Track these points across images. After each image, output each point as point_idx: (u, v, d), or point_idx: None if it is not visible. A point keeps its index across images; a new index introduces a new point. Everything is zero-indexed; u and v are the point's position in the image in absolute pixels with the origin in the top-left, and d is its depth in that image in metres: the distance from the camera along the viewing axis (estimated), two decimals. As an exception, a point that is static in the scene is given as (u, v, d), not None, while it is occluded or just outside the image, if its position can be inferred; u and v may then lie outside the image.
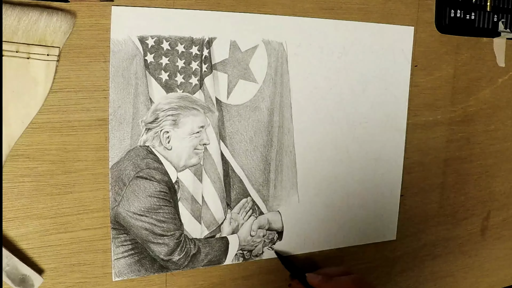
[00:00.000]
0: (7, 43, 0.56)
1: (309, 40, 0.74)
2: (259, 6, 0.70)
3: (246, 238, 0.74)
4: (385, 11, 0.79)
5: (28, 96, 0.58)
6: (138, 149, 0.66)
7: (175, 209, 0.69)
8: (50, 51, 0.58)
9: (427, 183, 0.89)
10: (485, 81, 0.90)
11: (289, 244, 0.77)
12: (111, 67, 0.63)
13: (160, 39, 0.65)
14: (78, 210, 0.64)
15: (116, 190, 0.65)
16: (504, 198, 0.83)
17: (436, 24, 0.84)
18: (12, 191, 0.61)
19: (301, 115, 0.75)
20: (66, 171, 0.63)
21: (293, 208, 0.77)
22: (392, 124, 0.82)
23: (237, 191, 0.73)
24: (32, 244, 0.62)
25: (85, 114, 0.63)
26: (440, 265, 0.94)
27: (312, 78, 0.75)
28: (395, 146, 0.83)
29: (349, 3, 0.76)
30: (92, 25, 0.61)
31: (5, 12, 0.55)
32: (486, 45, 0.89)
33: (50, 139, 0.61)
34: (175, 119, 0.67)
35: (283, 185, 0.76)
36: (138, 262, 0.68)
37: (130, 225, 0.67)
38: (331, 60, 0.76)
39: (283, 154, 0.75)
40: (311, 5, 0.74)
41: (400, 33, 0.81)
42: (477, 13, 0.85)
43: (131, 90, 0.65)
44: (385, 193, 0.84)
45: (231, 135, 0.72)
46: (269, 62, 0.72)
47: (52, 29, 0.58)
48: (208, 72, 0.69)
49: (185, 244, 0.70)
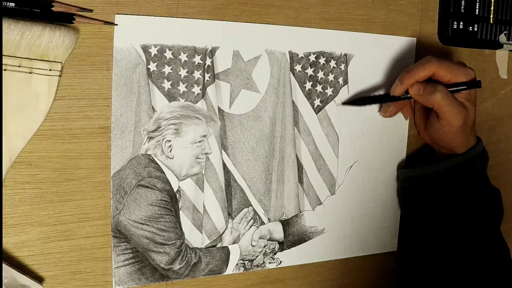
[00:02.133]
0: (9, 58, 0.57)
1: (311, 50, 0.74)
2: (262, 16, 0.71)
3: (247, 248, 0.74)
4: (387, 22, 0.79)
5: (30, 111, 0.59)
6: (140, 157, 0.66)
7: (176, 218, 0.69)
8: (53, 66, 0.59)
9: (429, 195, 0.88)
10: (487, 93, 0.90)
11: (290, 255, 0.77)
12: (113, 76, 0.63)
13: (163, 48, 0.66)
14: (79, 218, 0.64)
15: (117, 198, 0.65)
16: (506, 210, 0.82)
17: (438, 35, 0.84)
18: (13, 198, 0.61)
19: (302, 125, 0.75)
20: (68, 179, 0.63)
21: (294, 218, 0.77)
22: (394, 135, 0.82)
23: (239, 200, 0.73)
24: (32, 252, 0.62)
25: (87, 122, 0.63)
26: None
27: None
28: (397, 157, 0.83)
29: (352, 14, 0.77)
30: (95, 33, 0.62)
31: (9, 27, 0.56)
32: (488, 57, 0.89)
33: (52, 146, 0.62)
34: (177, 128, 0.68)
35: (285, 196, 0.76)
36: (138, 270, 0.68)
37: (131, 233, 0.66)
38: (334, 71, 0.76)
39: (285, 164, 0.75)
40: (314, 16, 0.74)
41: (403, 44, 0.81)
42: (479, 25, 0.86)
43: (134, 99, 0.65)
44: (386, 204, 0.84)
45: (233, 144, 0.72)
46: (271, 72, 0.72)
47: (54, 44, 0.58)
48: (211, 82, 0.69)
49: (186, 253, 0.70)
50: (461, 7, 0.84)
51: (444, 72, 0.73)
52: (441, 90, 0.71)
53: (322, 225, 0.79)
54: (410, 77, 0.73)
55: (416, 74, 0.73)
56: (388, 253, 0.85)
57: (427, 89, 0.72)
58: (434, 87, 0.72)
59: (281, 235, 0.76)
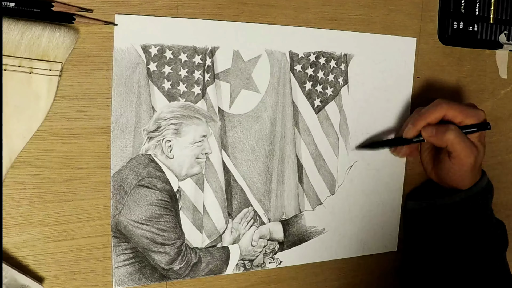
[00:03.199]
0: (9, 58, 0.57)
1: (311, 50, 0.74)
2: (262, 16, 0.71)
3: (247, 248, 0.74)
4: (387, 22, 0.79)
5: (30, 111, 0.58)
6: (140, 157, 0.66)
7: (176, 218, 0.69)
8: (53, 66, 0.59)
9: (429, 195, 0.88)
10: (487, 93, 0.90)
11: (290, 254, 0.77)
12: (114, 75, 0.63)
13: (163, 48, 0.66)
14: (79, 218, 0.64)
15: (117, 198, 0.65)
16: (506, 210, 0.82)
17: (438, 35, 0.84)
18: (13, 198, 0.61)
19: (303, 125, 0.75)
20: (68, 179, 0.63)
21: (294, 218, 0.77)
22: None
23: (239, 200, 0.73)
24: (32, 252, 0.62)
25: (87, 122, 0.63)
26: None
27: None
28: (397, 157, 0.83)
29: (352, 14, 0.77)
30: (95, 33, 0.62)
31: (8, 27, 0.56)
32: (488, 57, 0.89)
33: (52, 146, 0.62)
34: (177, 128, 0.68)
35: (285, 195, 0.76)
36: (138, 270, 0.68)
37: (131, 233, 0.66)
38: (334, 71, 0.76)
39: (285, 165, 0.75)
40: (314, 16, 0.74)
41: (403, 44, 0.81)
42: (479, 25, 0.86)
43: (134, 99, 0.65)
44: (386, 204, 0.84)
45: (233, 144, 0.72)
46: (271, 72, 0.72)
47: (54, 44, 0.58)
48: (211, 82, 0.69)
49: (186, 253, 0.70)
50: (461, 7, 0.84)
51: (454, 113, 0.75)
52: (453, 129, 0.74)
53: (322, 225, 0.79)
54: (422, 120, 0.76)
55: (428, 117, 0.75)
56: (388, 253, 0.85)
57: (439, 129, 0.74)
58: (446, 127, 0.74)
59: (281, 235, 0.76)
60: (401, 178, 0.85)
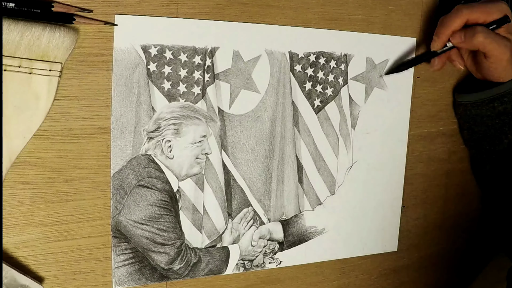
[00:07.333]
0: (9, 58, 0.57)
1: (311, 50, 0.74)
2: (262, 17, 0.71)
3: (247, 248, 0.74)
4: (387, 22, 0.79)
5: (30, 111, 0.58)
6: (139, 157, 0.66)
7: (176, 218, 0.69)
8: (52, 66, 0.59)
9: (429, 195, 0.88)
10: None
11: (290, 254, 0.77)
12: (113, 76, 0.63)
13: (163, 48, 0.66)
14: (79, 218, 0.64)
15: (117, 199, 0.65)
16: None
17: (438, 35, 0.84)
18: (13, 198, 0.61)
19: (302, 125, 0.75)
20: (68, 179, 0.63)
21: (294, 218, 0.77)
22: (394, 135, 0.82)
23: (238, 201, 0.73)
24: (32, 252, 0.62)
25: (87, 122, 0.63)
26: (442, 277, 0.93)
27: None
28: (397, 157, 0.83)
29: (352, 14, 0.77)
30: (95, 33, 0.62)
31: (8, 27, 0.56)
32: (488, 57, 0.89)
33: (52, 146, 0.62)
34: (177, 128, 0.68)
35: (285, 196, 0.76)
36: (138, 270, 0.68)
37: (131, 233, 0.66)
38: (334, 71, 0.76)
39: (285, 165, 0.75)
40: (314, 16, 0.74)
41: (403, 44, 0.81)
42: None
43: (134, 99, 0.65)
44: (386, 204, 0.84)
45: (233, 145, 0.72)
46: (271, 72, 0.73)
47: (54, 44, 0.58)
48: (211, 82, 0.69)
49: (186, 253, 0.70)
50: (461, 7, 0.84)
51: (476, 15, 0.75)
52: (481, 30, 0.73)
53: (322, 225, 0.79)
54: (446, 29, 0.75)
55: (451, 25, 0.75)
56: (388, 253, 0.86)
57: (468, 34, 0.74)
58: (474, 29, 0.74)
59: (281, 235, 0.76)
60: (401, 178, 0.85)
